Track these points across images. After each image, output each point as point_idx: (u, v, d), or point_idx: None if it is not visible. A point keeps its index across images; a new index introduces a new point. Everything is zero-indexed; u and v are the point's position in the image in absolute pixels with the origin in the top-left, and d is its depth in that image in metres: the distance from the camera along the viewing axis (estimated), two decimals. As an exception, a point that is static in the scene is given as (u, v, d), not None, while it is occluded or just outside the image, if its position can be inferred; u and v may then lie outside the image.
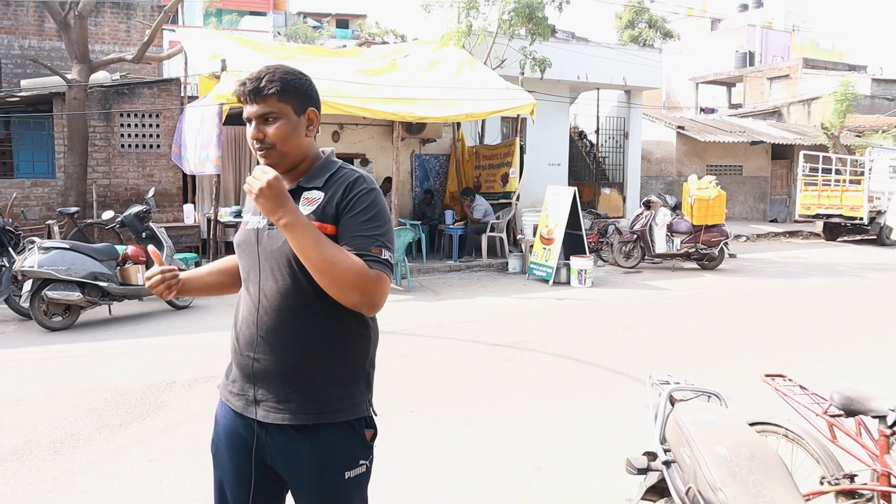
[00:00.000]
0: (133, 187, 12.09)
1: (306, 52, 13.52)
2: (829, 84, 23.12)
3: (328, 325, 1.91)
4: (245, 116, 1.94)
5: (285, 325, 1.90)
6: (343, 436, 1.93)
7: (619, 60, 17.41)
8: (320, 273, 1.78)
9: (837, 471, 2.71)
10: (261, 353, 1.91)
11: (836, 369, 6.23)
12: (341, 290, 1.79)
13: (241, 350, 1.96)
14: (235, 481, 2.02)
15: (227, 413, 2.04)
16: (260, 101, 1.89)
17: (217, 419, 2.09)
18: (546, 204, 11.79)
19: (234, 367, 2.02)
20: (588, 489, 3.88)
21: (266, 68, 1.94)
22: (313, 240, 1.77)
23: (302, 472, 1.93)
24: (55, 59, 13.76)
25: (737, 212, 21.93)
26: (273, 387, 1.91)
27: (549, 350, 6.91)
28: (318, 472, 1.91)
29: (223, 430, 2.05)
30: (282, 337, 1.90)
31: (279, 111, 1.89)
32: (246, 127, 1.96)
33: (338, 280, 1.78)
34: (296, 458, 1.92)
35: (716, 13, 42.35)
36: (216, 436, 2.08)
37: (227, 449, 2.03)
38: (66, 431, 4.67)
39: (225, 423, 2.04)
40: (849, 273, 12.57)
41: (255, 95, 1.89)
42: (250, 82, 1.90)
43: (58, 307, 7.62)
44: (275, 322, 1.90)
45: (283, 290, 1.89)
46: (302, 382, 1.90)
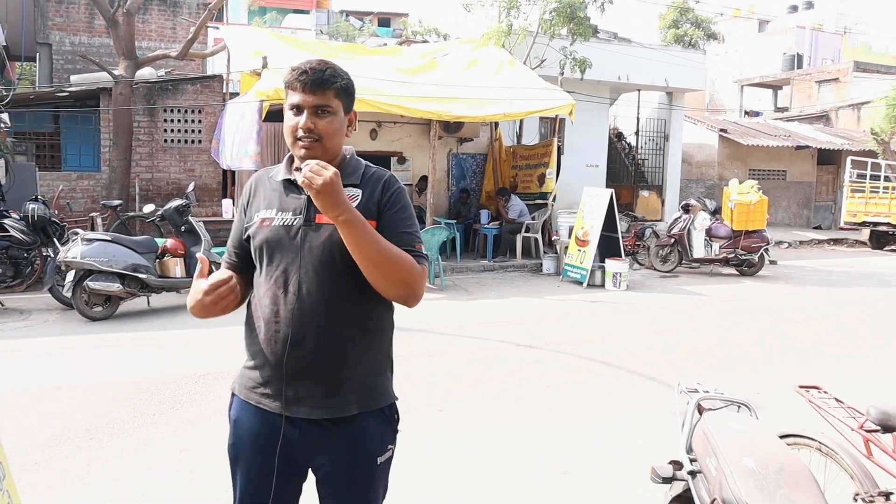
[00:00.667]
0: (174, 181, 12.31)
1: (347, 49, 13.61)
2: (881, 88, 22.50)
3: (366, 316, 1.96)
4: (294, 104, 1.90)
5: (328, 320, 1.91)
6: (376, 423, 1.99)
7: (662, 61, 17.18)
8: (376, 268, 1.84)
9: (872, 487, 2.63)
10: (302, 351, 1.90)
11: (875, 383, 6.06)
12: (394, 283, 1.86)
13: (275, 351, 1.91)
14: (260, 482, 1.99)
15: (253, 415, 1.98)
16: (319, 93, 1.89)
17: (238, 422, 2.02)
18: (582, 205, 11.69)
19: (266, 369, 1.95)
20: (613, 495, 3.83)
21: (321, 61, 1.94)
22: (371, 236, 1.82)
23: (336, 462, 1.96)
24: (103, 55, 14.09)
25: (779, 217, 21.49)
26: (316, 383, 1.92)
27: (579, 353, 6.85)
28: (353, 460, 1.96)
29: (247, 434, 2.00)
30: (325, 332, 1.90)
31: (334, 106, 1.92)
32: (286, 115, 1.94)
33: (392, 274, 1.85)
34: (331, 449, 1.95)
35: (764, 14, 41.54)
36: (237, 439, 2.02)
37: (252, 451, 1.99)
38: (102, 420, 4.78)
39: (250, 426, 1.99)
40: (895, 283, 12.22)
41: (316, 86, 1.89)
42: (312, 72, 1.89)
43: (98, 297, 7.80)
44: (318, 318, 1.90)
45: (327, 285, 1.90)
46: (345, 375, 1.94)
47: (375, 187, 1.97)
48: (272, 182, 2.04)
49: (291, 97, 1.92)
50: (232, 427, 2.05)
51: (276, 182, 2.03)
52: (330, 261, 1.90)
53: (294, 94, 1.91)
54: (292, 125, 1.91)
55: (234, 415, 2.05)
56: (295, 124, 1.90)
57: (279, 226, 1.95)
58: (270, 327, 1.93)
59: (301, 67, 1.91)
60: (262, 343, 1.95)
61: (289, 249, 1.91)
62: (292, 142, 1.93)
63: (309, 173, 1.75)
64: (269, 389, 1.96)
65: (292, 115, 1.92)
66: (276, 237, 1.94)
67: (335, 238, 1.87)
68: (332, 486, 2.00)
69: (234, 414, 2.05)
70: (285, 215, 1.95)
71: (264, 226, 1.96)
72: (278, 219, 1.96)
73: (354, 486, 1.99)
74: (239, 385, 2.05)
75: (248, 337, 2.03)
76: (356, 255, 1.83)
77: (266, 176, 2.08)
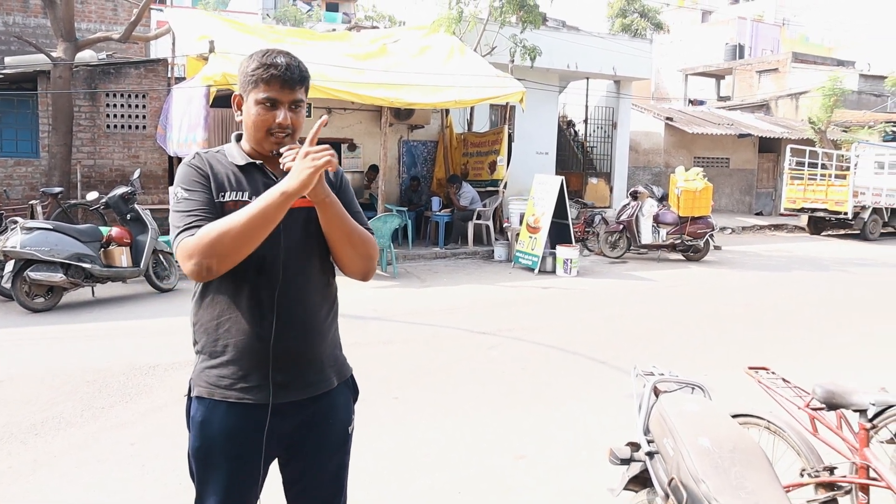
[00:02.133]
0: (118, 168, 11.97)
1: (295, 35, 13.39)
2: (818, 79, 23.25)
3: (331, 293, 2.05)
4: (270, 99, 1.89)
5: (308, 301, 1.95)
6: (345, 394, 2.10)
7: (610, 50, 17.39)
8: (353, 245, 1.93)
9: (818, 463, 2.74)
10: (290, 333, 1.91)
11: (819, 362, 6.29)
12: (363, 258, 1.97)
13: (261, 337, 1.88)
14: (240, 481, 1.96)
15: (228, 414, 1.92)
16: (297, 88, 1.92)
17: (205, 425, 1.94)
18: (533, 192, 11.79)
19: (247, 360, 1.90)
20: (570, 479, 3.90)
21: (286, 55, 1.93)
22: (347, 216, 1.91)
23: (316, 438, 2.02)
24: (40, 36, 13.57)
25: (723, 204, 22.04)
26: (303, 364, 1.96)
27: (533, 339, 6.93)
28: (331, 433, 2.04)
29: (222, 435, 1.92)
30: (308, 313, 1.95)
31: (303, 100, 1.96)
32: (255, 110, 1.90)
33: (363, 250, 1.96)
34: (311, 427, 2.00)
35: (707, 5, 42.34)
36: (205, 442, 1.94)
37: (228, 452, 1.93)
38: (47, 414, 4.64)
39: (225, 427, 1.92)
40: (832, 267, 12.68)
41: (294, 83, 1.90)
42: (287, 68, 1.89)
43: (40, 288, 7.55)
44: (301, 300, 1.93)
45: (306, 266, 1.95)
46: (324, 352, 2.01)
47: (327, 172, 1.96)
48: (229, 165, 1.97)
49: (265, 93, 1.89)
50: (197, 431, 1.95)
51: (234, 166, 1.96)
52: (307, 242, 1.94)
53: (269, 90, 1.89)
54: (266, 120, 1.90)
55: (200, 417, 1.95)
56: (269, 119, 1.90)
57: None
58: (254, 313, 1.89)
59: (276, 63, 1.89)
60: (242, 333, 1.90)
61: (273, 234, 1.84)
62: (262, 136, 1.92)
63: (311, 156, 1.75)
64: (251, 381, 1.91)
65: (263, 109, 1.90)
66: None
67: (311, 219, 1.92)
68: (308, 464, 2.03)
69: (200, 416, 1.95)
70: (244, 196, 1.92)
71: (228, 208, 1.89)
72: (239, 201, 1.90)
73: (331, 458, 2.06)
74: (204, 386, 1.94)
75: (209, 333, 1.93)
76: (337, 234, 1.90)
77: (216, 157, 1.98)
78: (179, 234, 1.83)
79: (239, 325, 1.90)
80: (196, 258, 1.77)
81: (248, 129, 1.95)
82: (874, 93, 27.55)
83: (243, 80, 1.94)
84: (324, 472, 2.06)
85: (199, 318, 1.97)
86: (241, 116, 1.98)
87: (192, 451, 1.98)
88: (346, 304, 2.34)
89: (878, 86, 27.43)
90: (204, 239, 1.76)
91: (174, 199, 1.91)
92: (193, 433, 1.97)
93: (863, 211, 17.39)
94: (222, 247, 1.75)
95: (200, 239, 1.77)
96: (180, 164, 1.99)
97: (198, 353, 2.00)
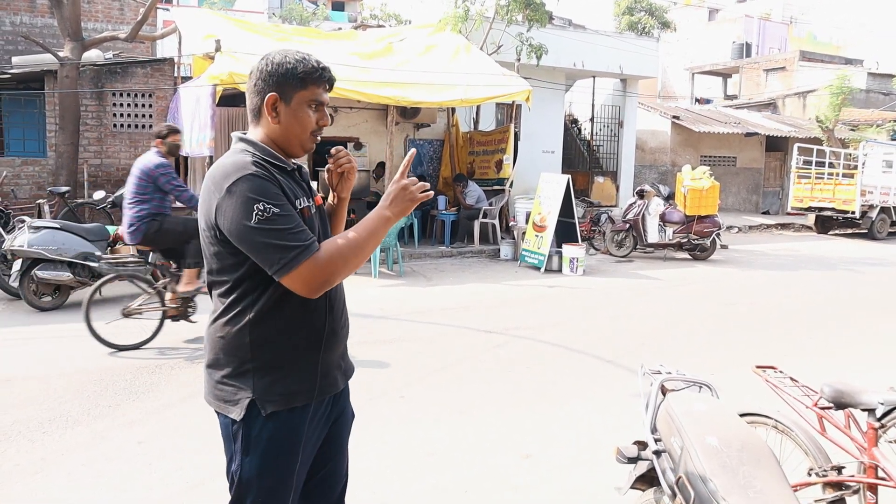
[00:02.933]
0: (125, 167, 11.98)
1: (302, 34, 13.40)
2: (826, 77, 23.12)
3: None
4: (320, 101, 1.99)
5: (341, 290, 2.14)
6: None
7: (616, 49, 17.35)
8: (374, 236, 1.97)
9: (826, 462, 2.72)
10: (338, 324, 2.07)
11: (827, 361, 6.26)
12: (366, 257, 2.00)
13: (337, 331, 2.04)
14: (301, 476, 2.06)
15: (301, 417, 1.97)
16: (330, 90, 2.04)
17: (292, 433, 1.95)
18: (539, 191, 11.77)
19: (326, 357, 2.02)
20: (577, 477, 3.89)
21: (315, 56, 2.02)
22: None
23: (343, 421, 2.19)
24: (47, 36, 13.61)
25: (730, 203, 21.97)
26: (345, 352, 2.17)
27: (539, 338, 6.92)
28: (348, 413, 2.22)
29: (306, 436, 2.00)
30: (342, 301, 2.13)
31: None
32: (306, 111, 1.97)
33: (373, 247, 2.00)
34: (341, 412, 2.18)
35: (714, 3, 42.19)
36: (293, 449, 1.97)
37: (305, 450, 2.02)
38: (54, 412, 4.65)
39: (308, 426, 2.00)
40: (840, 266, 12.62)
41: (332, 84, 2.01)
42: (328, 71, 1.98)
43: (47, 287, 7.58)
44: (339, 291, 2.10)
45: None
46: None
47: None
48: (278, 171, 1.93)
49: (316, 94, 1.97)
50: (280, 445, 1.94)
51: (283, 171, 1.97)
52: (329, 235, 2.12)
53: (318, 91, 1.97)
54: (313, 120, 1.99)
55: (272, 433, 1.93)
56: (315, 120, 2.00)
57: (313, 212, 2.03)
58: (322, 314, 2.01)
59: (322, 65, 1.98)
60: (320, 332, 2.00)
61: (316, 232, 1.98)
62: (307, 136, 2.00)
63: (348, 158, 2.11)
64: (334, 374, 2.07)
65: (312, 110, 1.98)
66: (312, 223, 1.99)
67: (323, 218, 2.13)
68: (336, 443, 2.17)
69: (272, 432, 1.93)
70: (308, 201, 2.02)
71: (307, 215, 1.98)
72: (310, 205, 2.03)
73: (347, 438, 2.23)
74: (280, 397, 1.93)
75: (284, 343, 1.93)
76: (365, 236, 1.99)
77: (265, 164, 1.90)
78: (302, 253, 1.79)
79: (315, 325, 1.98)
80: (324, 276, 1.82)
81: (291, 130, 1.96)
82: (882, 91, 27.40)
83: (284, 81, 1.92)
84: (345, 446, 2.23)
85: (260, 335, 1.92)
86: (276, 118, 1.95)
87: (260, 470, 1.92)
88: (352, 302, 2.35)
89: (886, 84, 27.30)
90: (333, 258, 1.82)
91: (261, 216, 1.78)
92: (270, 451, 1.93)
93: (870, 210, 17.30)
94: (347, 266, 1.86)
95: (329, 259, 1.82)
96: (243, 177, 1.82)
97: (254, 370, 1.93)
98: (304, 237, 1.82)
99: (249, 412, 1.91)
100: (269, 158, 1.93)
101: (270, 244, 1.78)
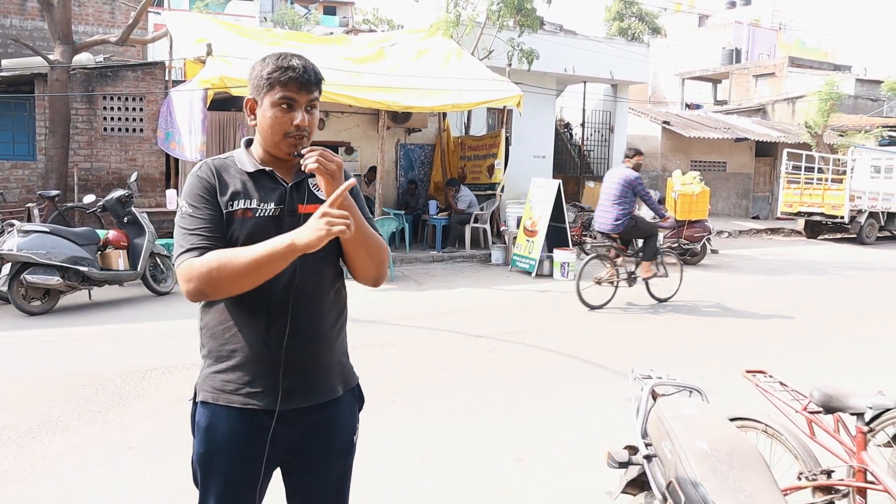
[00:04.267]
0: (115, 171, 11.95)
1: (293, 38, 13.39)
2: (814, 83, 23.28)
3: (340, 301, 2.05)
4: (287, 98, 1.88)
5: (319, 307, 1.96)
6: (351, 402, 2.09)
7: (607, 54, 17.42)
8: (369, 251, 1.93)
9: (815, 466, 2.74)
10: (300, 340, 1.91)
11: (816, 366, 6.30)
12: (377, 265, 1.96)
13: (269, 344, 1.89)
14: (242, 487, 1.96)
15: (233, 419, 1.92)
16: (313, 89, 1.91)
17: (210, 429, 1.94)
18: (530, 196, 11.80)
19: (254, 365, 1.91)
20: (569, 481, 3.90)
21: (301, 57, 1.93)
22: (364, 223, 1.91)
23: (320, 446, 2.01)
24: (37, 39, 13.56)
25: (720, 208, 22.07)
26: (310, 371, 1.96)
27: (531, 342, 6.93)
28: (335, 442, 2.03)
29: (226, 439, 1.92)
30: (317, 320, 1.95)
31: (318, 101, 1.96)
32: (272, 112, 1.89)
33: (377, 256, 1.95)
34: (315, 435, 1.99)
35: (704, 9, 42.42)
36: (211, 447, 1.94)
37: (233, 457, 1.93)
38: (44, 417, 4.63)
39: (229, 431, 1.92)
40: (829, 271, 12.70)
41: (311, 84, 1.90)
42: (303, 69, 1.89)
43: (37, 291, 7.54)
44: (310, 307, 1.93)
45: (316, 273, 1.94)
46: (330, 359, 2.01)
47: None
48: (238, 172, 1.96)
49: (282, 94, 1.88)
50: (202, 436, 1.95)
51: (244, 172, 1.96)
52: (319, 250, 1.85)
53: (286, 91, 1.88)
54: (283, 122, 1.89)
55: (205, 422, 1.94)
56: (287, 121, 1.89)
57: (265, 217, 1.91)
58: (263, 319, 1.90)
59: (291, 65, 1.88)
60: (250, 338, 1.90)
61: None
62: (280, 138, 1.91)
63: (321, 159, 1.79)
64: (258, 387, 1.91)
65: (280, 111, 1.89)
66: (262, 228, 1.88)
67: None
68: (311, 472, 2.02)
69: (205, 422, 1.94)
70: (268, 206, 1.92)
71: (247, 217, 1.90)
72: (262, 209, 1.92)
73: (335, 466, 2.05)
74: (210, 391, 1.94)
75: (216, 338, 1.94)
76: (354, 240, 1.86)
77: (225, 164, 1.98)
78: (182, 254, 1.84)
79: (247, 330, 1.91)
80: (195, 283, 1.80)
81: (264, 133, 1.93)
82: (871, 97, 27.63)
83: (258, 84, 1.91)
84: (327, 480, 2.05)
85: (206, 323, 1.97)
86: (254, 121, 1.96)
87: (196, 456, 1.97)
88: (344, 307, 2.34)
89: (874, 90, 27.52)
90: (204, 267, 1.78)
91: (179, 213, 1.90)
92: (198, 438, 1.97)
93: (859, 215, 17.43)
94: (221, 280, 1.78)
95: (202, 266, 1.79)
96: (189, 176, 1.97)
97: (204, 357, 1.99)
98: (191, 240, 1.85)
99: (195, 396, 2.00)
100: (238, 160, 1.99)
101: (176, 240, 1.90)
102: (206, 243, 1.84)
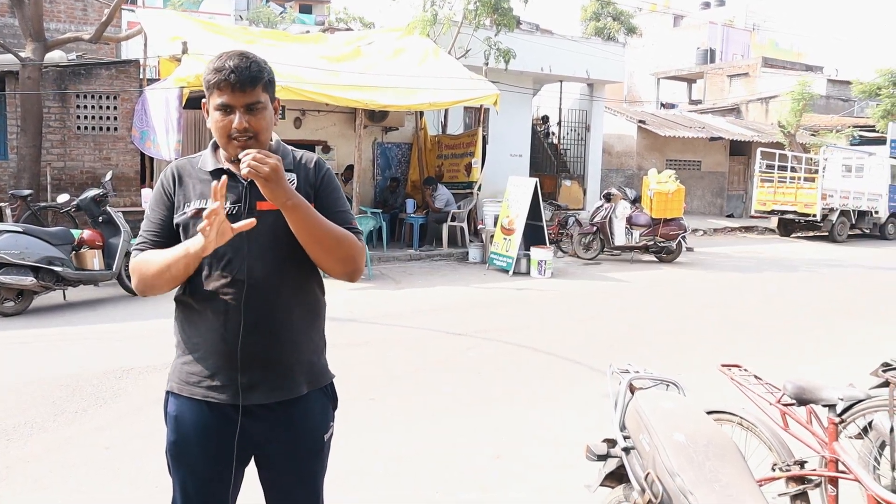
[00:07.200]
0: (89, 170, 11.79)
1: (269, 36, 13.32)
2: (787, 83, 23.62)
3: (308, 299, 2.03)
4: (223, 103, 1.86)
5: (279, 305, 1.94)
6: (321, 401, 2.06)
7: (583, 53, 17.53)
8: (324, 248, 1.89)
9: (788, 457, 2.80)
10: (256, 337, 1.91)
11: (789, 360, 6.40)
12: (341, 261, 1.93)
13: (226, 339, 1.90)
14: (208, 477, 1.99)
15: (198, 411, 1.95)
16: (248, 90, 1.86)
17: (179, 420, 1.98)
18: (507, 194, 11.85)
19: (213, 360, 1.93)
20: (547, 477, 3.93)
21: (241, 55, 1.88)
22: (317, 218, 1.86)
23: (287, 443, 2.00)
24: (8, 36, 13.32)
25: (695, 206, 22.31)
26: (270, 368, 1.95)
27: (509, 340, 6.96)
28: (303, 440, 2.02)
29: (193, 430, 1.96)
30: (277, 317, 1.94)
31: (263, 101, 1.91)
32: (214, 115, 1.89)
33: (339, 252, 1.91)
34: (282, 432, 1.98)
35: (679, 9, 42.84)
36: (179, 437, 1.98)
37: (199, 448, 1.96)
38: (19, 419, 4.57)
39: (195, 423, 1.95)
40: (801, 268, 12.90)
41: (245, 84, 1.85)
42: (238, 70, 1.84)
43: (10, 292, 7.42)
44: (269, 304, 1.92)
45: (276, 271, 1.93)
46: (296, 358, 1.99)
47: (308, 170, 2.02)
48: (199, 172, 1.99)
49: (218, 97, 1.86)
50: (172, 426, 1.99)
51: (204, 172, 1.98)
52: (276, 246, 1.92)
53: (221, 94, 1.86)
54: (224, 125, 1.87)
55: (174, 413, 1.99)
56: (227, 124, 1.87)
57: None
58: (219, 317, 1.91)
59: (224, 66, 1.85)
60: (210, 333, 1.93)
61: (232, 239, 1.84)
62: (226, 141, 1.90)
63: (253, 163, 1.74)
64: (217, 381, 1.94)
65: (221, 115, 1.87)
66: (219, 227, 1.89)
67: (279, 223, 1.87)
68: (280, 469, 2.03)
69: (174, 412, 1.99)
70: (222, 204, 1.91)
71: (197, 216, 1.90)
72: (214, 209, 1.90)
73: (304, 464, 2.05)
74: (177, 382, 1.99)
75: (184, 331, 1.99)
76: (305, 237, 1.86)
77: (188, 165, 2.02)
78: (133, 251, 2.01)
79: (206, 325, 1.94)
80: (134, 279, 1.95)
81: (215, 135, 1.94)
82: (841, 97, 28.09)
83: (204, 86, 1.91)
84: (297, 477, 2.06)
85: (177, 315, 2.03)
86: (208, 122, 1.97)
87: (167, 445, 2.02)
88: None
89: (845, 90, 27.97)
90: (135, 266, 1.93)
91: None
92: (169, 427, 2.02)
93: (831, 213, 17.72)
94: (144, 278, 1.92)
95: (133, 265, 1.94)
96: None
97: (175, 347, 2.04)
98: (139, 240, 1.99)
99: (168, 383, 2.05)
100: (202, 160, 2.02)
101: None
102: (148, 246, 1.96)
